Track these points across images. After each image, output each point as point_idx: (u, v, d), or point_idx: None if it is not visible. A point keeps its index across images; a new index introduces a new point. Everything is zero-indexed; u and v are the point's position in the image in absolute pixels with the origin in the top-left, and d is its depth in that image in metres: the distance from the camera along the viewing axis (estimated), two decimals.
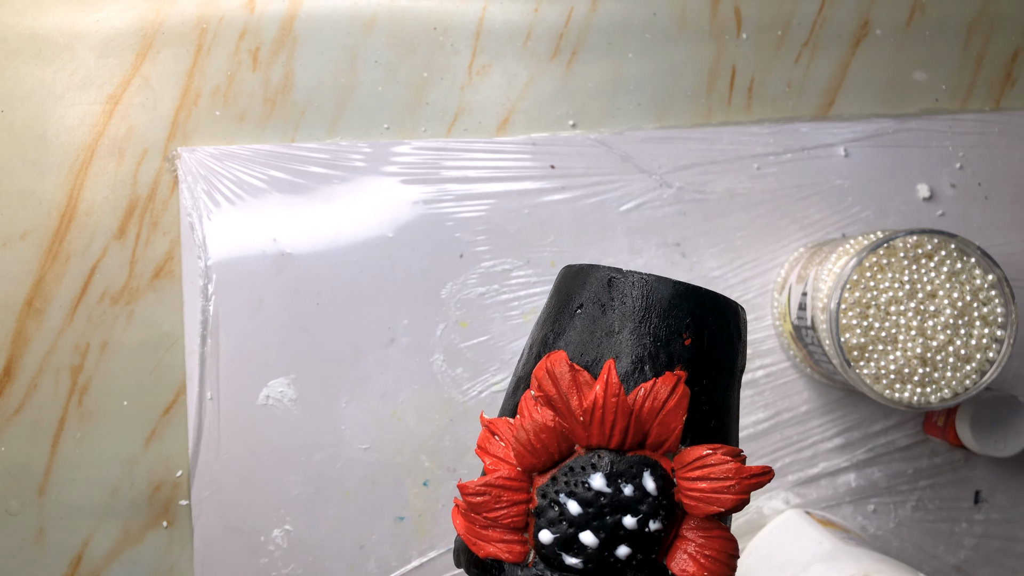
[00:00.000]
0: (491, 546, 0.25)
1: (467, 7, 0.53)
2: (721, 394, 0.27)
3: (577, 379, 0.25)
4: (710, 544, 0.25)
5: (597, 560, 0.24)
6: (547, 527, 0.25)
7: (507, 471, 0.25)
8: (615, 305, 0.26)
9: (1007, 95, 0.53)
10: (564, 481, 0.25)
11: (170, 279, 0.51)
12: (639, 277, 0.27)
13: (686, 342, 0.26)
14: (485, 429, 0.26)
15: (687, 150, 0.52)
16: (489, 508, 0.25)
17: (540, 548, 0.25)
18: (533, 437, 0.25)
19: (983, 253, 0.43)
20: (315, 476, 0.51)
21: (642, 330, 0.26)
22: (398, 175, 0.52)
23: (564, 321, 0.27)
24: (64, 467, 0.51)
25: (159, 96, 0.52)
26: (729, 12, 0.53)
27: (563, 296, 0.28)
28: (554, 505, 0.25)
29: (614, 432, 0.25)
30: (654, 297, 0.26)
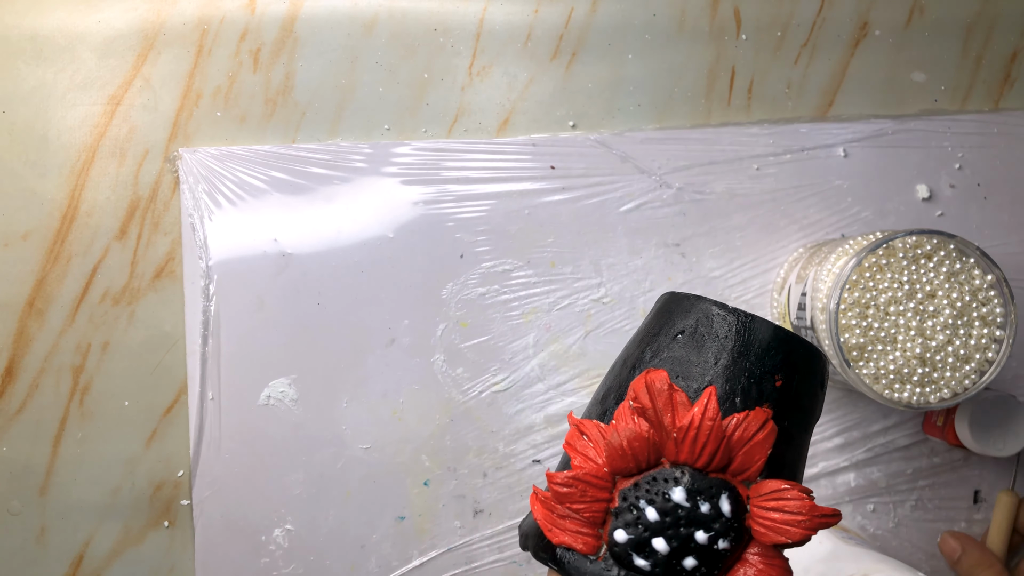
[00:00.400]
0: (566, 535, 0.27)
1: (467, 8, 0.53)
2: (798, 436, 0.28)
3: (674, 398, 0.27)
4: (769, 571, 0.26)
5: (664, 566, 0.26)
6: (623, 527, 0.26)
7: (595, 469, 0.27)
8: (716, 338, 0.28)
9: (1006, 96, 0.53)
10: (646, 489, 0.27)
11: (171, 279, 0.52)
12: (743, 315, 0.28)
13: (777, 383, 0.28)
14: (574, 428, 0.28)
15: (687, 151, 0.52)
16: (573, 500, 0.27)
17: (613, 545, 0.26)
18: (626, 443, 0.27)
19: (982, 253, 0.43)
20: (316, 476, 0.51)
21: (739, 365, 0.28)
22: (399, 176, 0.52)
23: (663, 343, 0.29)
24: (65, 467, 0.51)
25: (160, 97, 0.52)
26: (729, 13, 0.53)
27: (664, 320, 0.30)
28: (633, 509, 0.27)
29: (703, 452, 0.27)
30: (755, 337, 0.28)
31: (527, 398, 0.52)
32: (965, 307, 0.43)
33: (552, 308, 0.52)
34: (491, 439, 0.51)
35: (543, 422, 0.52)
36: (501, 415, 0.52)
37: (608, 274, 0.52)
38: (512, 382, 0.52)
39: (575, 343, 0.52)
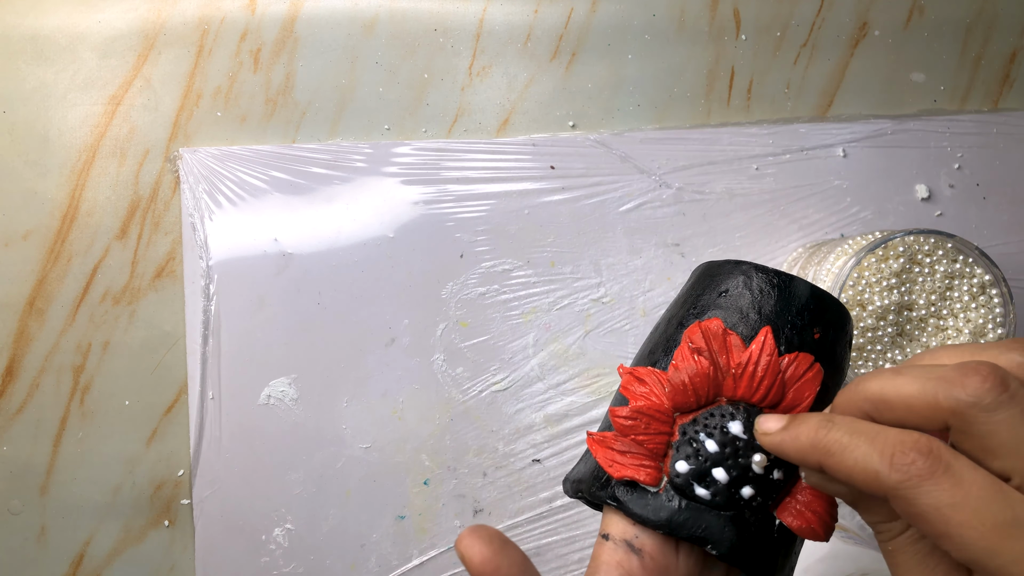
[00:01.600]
0: (628, 468, 0.28)
1: (467, 8, 0.53)
2: (832, 389, 0.30)
3: (728, 341, 0.29)
4: (817, 502, 0.28)
5: (724, 495, 0.27)
6: (684, 459, 0.28)
7: (658, 404, 0.29)
8: (760, 293, 0.30)
9: (1005, 96, 0.54)
10: (705, 423, 0.28)
11: (172, 279, 0.52)
12: (783, 274, 0.30)
13: (815, 335, 0.30)
14: (629, 375, 0.30)
15: (686, 151, 0.52)
16: (638, 432, 0.28)
17: (674, 476, 0.28)
18: (688, 380, 0.28)
19: (981, 253, 0.43)
20: (316, 475, 0.51)
21: (782, 318, 0.29)
22: (399, 175, 0.52)
23: (708, 301, 0.31)
24: (66, 466, 0.51)
25: (161, 97, 0.52)
26: (728, 13, 0.53)
27: (707, 283, 0.31)
28: (693, 442, 0.28)
29: (760, 387, 0.28)
30: (795, 293, 0.30)
31: (527, 397, 0.52)
32: (964, 307, 0.43)
33: (552, 308, 0.52)
34: (491, 439, 0.52)
35: (543, 421, 0.52)
36: (501, 415, 0.52)
37: (608, 274, 0.52)
38: (512, 382, 0.52)
39: (575, 343, 0.52)
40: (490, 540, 0.23)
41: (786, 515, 0.28)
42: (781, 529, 0.28)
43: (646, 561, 0.27)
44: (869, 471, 0.22)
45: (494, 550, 0.23)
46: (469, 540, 0.23)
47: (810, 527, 0.27)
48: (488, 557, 0.23)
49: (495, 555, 0.23)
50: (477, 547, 0.23)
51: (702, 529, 0.27)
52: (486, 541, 0.23)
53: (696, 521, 0.27)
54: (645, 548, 0.27)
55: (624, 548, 0.28)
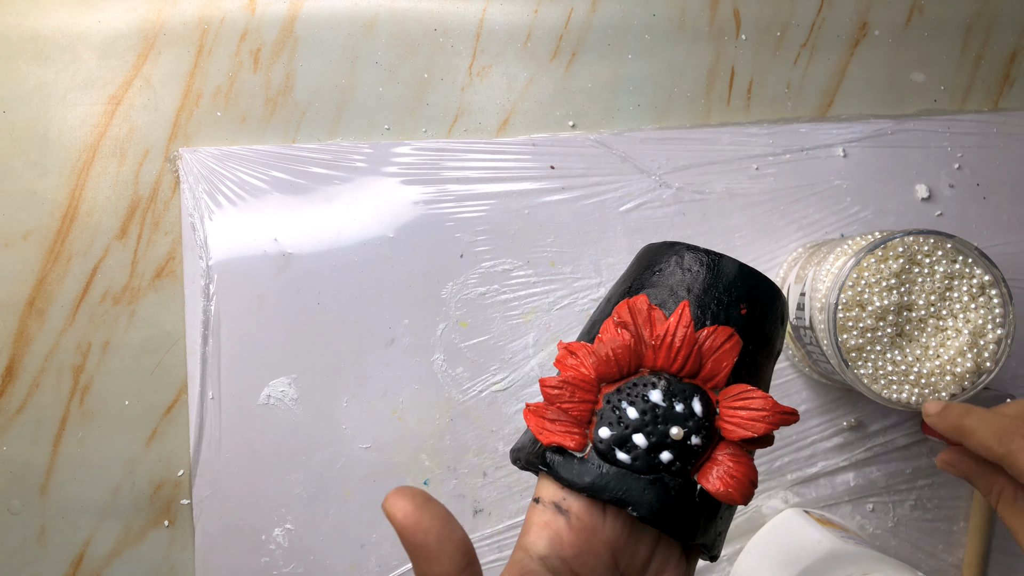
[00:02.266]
0: (555, 435, 0.29)
1: (467, 8, 0.53)
2: (760, 363, 0.32)
3: (652, 315, 0.31)
4: (737, 468, 0.29)
5: (644, 459, 0.29)
6: (607, 426, 0.29)
7: (583, 375, 0.30)
8: (689, 271, 0.32)
9: (1005, 96, 0.54)
10: (627, 392, 0.30)
11: (171, 279, 0.52)
12: (713, 253, 0.32)
13: (742, 311, 0.31)
14: (564, 350, 0.31)
15: (686, 151, 0.52)
16: (563, 400, 0.30)
17: (598, 442, 0.29)
18: (610, 351, 0.30)
19: (981, 253, 0.43)
20: (316, 475, 0.51)
21: (710, 293, 0.31)
22: (399, 175, 0.52)
23: (643, 279, 0.32)
24: (66, 466, 0.51)
25: (161, 97, 0.52)
26: (728, 13, 0.53)
27: (644, 264, 0.33)
28: (615, 410, 0.30)
29: (678, 357, 0.30)
30: (724, 269, 0.31)
31: (527, 397, 0.52)
32: (964, 307, 0.43)
33: (552, 308, 0.52)
34: (491, 439, 0.52)
35: None
36: (501, 415, 0.52)
37: (608, 274, 0.52)
38: (512, 381, 0.52)
39: None
40: (413, 497, 0.24)
41: (706, 480, 0.29)
42: (703, 494, 0.29)
43: (572, 521, 0.29)
44: (986, 447, 0.38)
45: (416, 505, 0.24)
46: (393, 498, 0.24)
47: (727, 491, 0.29)
48: (410, 512, 0.24)
49: (416, 510, 0.24)
50: (400, 503, 0.24)
51: (623, 492, 0.29)
52: (408, 498, 0.24)
53: (618, 485, 0.29)
54: (572, 509, 0.29)
55: (552, 509, 0.29)
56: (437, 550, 0.24)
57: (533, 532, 0.29)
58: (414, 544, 0.24)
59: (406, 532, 0.24)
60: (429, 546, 0.24)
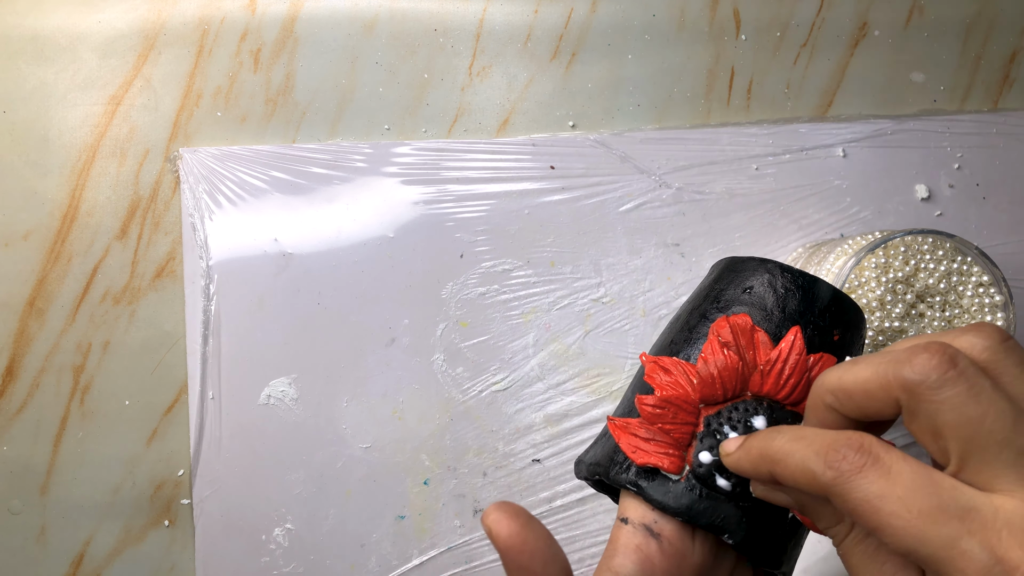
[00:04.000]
0: (652, 456, 0.28)
1: (467, 8, 0.53)
2: None
3: (756, 338, 0.29)
4: None
5: (743, 486, 0.28)
6: (707, 450, 0.28)
7: (685, 395, 0.29)
8: (785, 291, 0.30)
9: (1005, 96, 0.54)
10: (729, 416, 0.29)
11: (172, 279, 0.52)
12: (807, 275, 0.31)
13: (835, 337, 0.30)
14: (653, 364, 0.30)
15: (686, 151, 0.52)
16: (665, 421, 0.29)
17: (697, 466, 0.28)
18: (717, 373, 0.29)
19: (981, 253, 0.43)
20: (316, 475, 0.51)
21: (805, 318, 0.30)
22: (399, 176, 0.52)
23: (732, 296, 0.31)
24: (66, 466, 0.51)
25: (161, 97, 0.52)
26: (728, 13, 0.53)
27: (731, 278, 0.32)
28: (717, 434, 0.28)
29: (787, 384, 0.29)
30: (818, 294, 0.30)
31: (527, 397, 0.52)
32: (964, 307, 0.43)
33: (552, 308, 0.52)
34: (491, 438, 0.52)
35: (543, 421, 0.52)
36: (501, 415, 0.52)
37: (608, 274, 0.52)
38: (512, 382, 0.52)
39: (575, 343, 0.52)
40: (516, 515, 0.23)
41: None
42: (792, 521, 0.29)
43: (664, 545, 0.28)
44: (808, 472, 0.23)
45: (521, 524, 0.23)
46: (496, 515, 0.23)
47: None
48: (515, 531, 0.23)
49: (522, 529, 0.23)
50: (504, 522, 0.23)
51: (720, 519, 0.28)
52: (512, 516, 0.23)
53: (714, 511, 0.28)
54: (663, 533, 0.28)
55: (643, 532, 0.28)
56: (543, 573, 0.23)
57: (621, 554, 0.28)
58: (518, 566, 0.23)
59: (511, 553, 0.23)
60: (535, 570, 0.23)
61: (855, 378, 0.23)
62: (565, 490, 0.51)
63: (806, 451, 0.23)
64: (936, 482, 0.20)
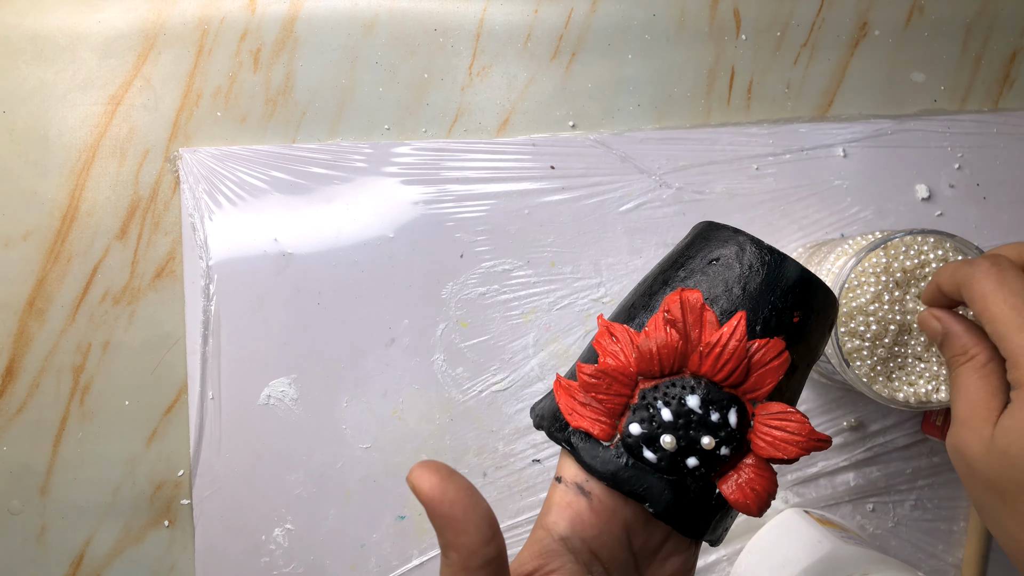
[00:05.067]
0: (585, 420, 0.30)
1: (467, 8, 0.53)
2: (802, 370, 0.31)
3: (704, 316, 0.30)
4: (759, 480, 0.29)
5: (669, 461, 0.29)
6: (638, 422, 0.29)
7: (622, 367, 0.30)
8: (749, 268, 0.31)
9: (1005, 96, 0.54)
10: (665, 392, 0.29)
11: (172, 279, 0.52)
12: (776, 253, 0.31)
13: (795, 319, 0.30)
14: (604, 328, 0.31)
15: (686, 151, 0.52)
16: (599, 391, 0.30)
17: (626, 436, 0.29)
18: (656, 349, 0.29)
19: (981, 253, 0.43)
20: (316, 475, 0.51)
21: (764, 297, 0.30)
22: (399, 175, 0.52)
23: (697, 266, 0.31)
24: (66, 466, 0.51)
25: (161, 97, 0.52)
26: (728, 13, 0.53)
27: (701, 245, 0.32)
28: (650, 408, 0.29)
29: (724, 368, 0.29)
30: (783, 274, 0.30)
31: (527, 398, 0.52)
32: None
33: (552, 308, 0.52)
34: (491, 439, 0.52)
35: None
36: (501, 415, 0.52)
37: (608, 274, 0.52)
38: (512, 382, 0.52)
39: (575, 343, 0.52)
40: (437, 470, 0.25)
41: (726, 487, 0.29)
42: (719, 497, 0.29)
43: (594, 503, 0.29)
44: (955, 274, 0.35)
45: (441, 477, 0.24)
46: (418, 471, 0.25)
47: (746, 502, 0.29)
48: (435, 483, 0.24)
49: (442, 481, 0.24)
50: (425, 476, 0.24)
51: (643, 488, 0.29)
52: (433, 471, 0.25)
53: (639, 480, 0.29)
54: (594, 492, 0.30)
55: (575, 490, 0.30)
56: (464, 521, 0.24)
57: (554, 512, 0.30)
58: (440, 515, 0.24)
59: (432, 504, 0.24)
60: (455, 517, 0.24)
61: (942, 278, 0.36)
62: None
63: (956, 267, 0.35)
64: None
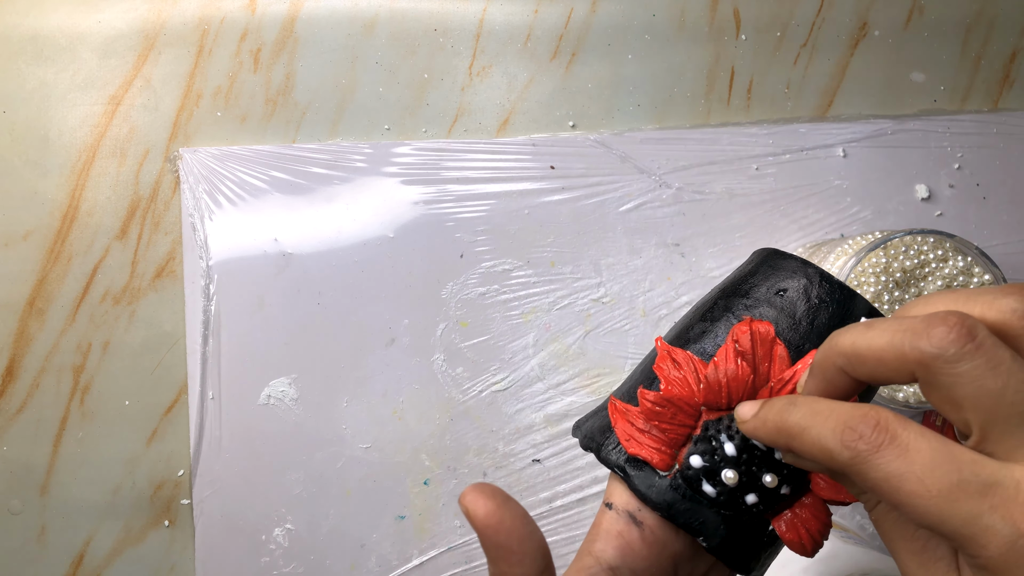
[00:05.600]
0: (644, 449, 0.28)
1: (467, 8, 0.53)
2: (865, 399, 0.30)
3: (775, 351, 0.28)
4: (814, 521, 0.28)
5: (728, 496, 0.28)
6: (700, 455, 0.28)
7: (688, 396, 0.28)
8: (819, 302, 0.29)
9: (1005, 96, 0.54)
10: (729, 424, 0.28)
11: (172, 279, 0.52)
12: (846, 289, 0.30)
13: None
14: (664, 353, 0.29)
15: (686, 151, 0.52)
16: (663, 420, 0.28)
17: (686, 468, 0.28)
18: (726, 381, 0.28)
19: (981, 253, 0.43)
20: (316, 475, 0.51)
21: None
22: (399, 176, 0.52)
23: (763, 296, 0.30)
24: (66, 466, 0.51)
25: (161, 97, 0.52)
26: (728, 13, 0.53)
27: (768, 274, 0.31)
28: (713, 440, 0.28)
29: None
30: (853, 310, 0.29)
31: (527, 398, 0.52)
32: None
33: (552, 308, 0.52)
34: (491, 438, 0.52)
35: (543, 421, 0.52)
36: (501, 415, 0.52)
37: (608, 274, 0.52)
38: (512, 382, 0.52)
39: (575, 343, 0.52)
40: (493, 495, 0.24)
41: (781, 525, 0.28)
42: (772, 534, 0.29)
43: (646, 534, 0.28)
44: (824, 450, 0.22)
45: (497, 504, 0.23)
46: (473, 495, 0.24)
47: (800, 542, 0.28)
48: (492, 510, 0.23)
49: (498, 508, 0.23)
50: (481, 501, 0.23)
51: (699, 522, 0.28)
52: (489, 496, 0.24)
53: (694, 513, 0.28)
54: (646, 522, 0.28)
55: (626, 519, 0.28)
56: (520, 551, 0.23)
57: (603, 539, 0.28)
58: (496, 545, 0.23)
59: (487, 532, 0.23)
60: (511, 548, 0.23)
61: (869, 345, 0.22)
62: (565, 490, 0.51)
63: (821, 428, 0.22)
64: (956, 457, 0.20)
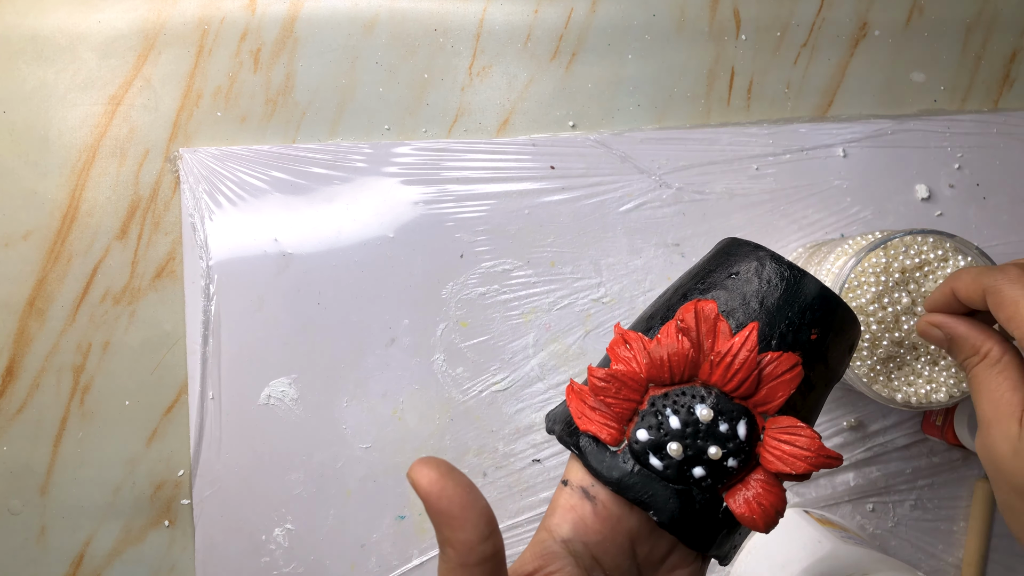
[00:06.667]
0: (593, 424, 0.29)
1: (467, 8, 0.53)
2: (818, 389, 0.31)
3: (718, 327, 0.30)
4: (766, 496, 0.29)
5: (676, 470, 0.29)
6: (646, 429, 0.29)
7: (633, 373, 0.30)
8: (767, 283, 0.31)
9: (1005, 96, 0.54)
10: (674, 399, 0.29)
11: (172, 279, 0.52)
12: (796, 269, 0.31)
13: (812, 336, 0.30)
14: (619, 336, 0.31)
15: (686, 151, 0.52)
16: (608, 395, 0.29)
17: (633, 442, 0.29)
18: (667, 356, 0.29)
19: (981, 253, 0.43)
20: (316, 475, 0.51)
21: (781, 312, 0.30)
22: (399, 176, 0.52)
23: (716, 279, 0.31)
24: (66, 466, 0.51)
25: (161, 97, 0.52)
26: (728, 13, 0.53)
27: (722, 260, 0.32)
28: (658, 415, 0.29)
29: (734, 378, 0.29)
30: (802, 291, 0.30)
31: (527, 398, 0.52)
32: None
33: (552, 308, 0.52)
34: (491, 439, 0.52)
35: (543, 421, 0.52)
36: (501, 415, 0.52)
37: (608, 274, 0.52)
38: (512, 382, 0.52)
39: (575, 343, 0.52)
40: (436, 466, 0.25)
41: (733, 501, 0.29)
42: (726, 511, 0.29)
43: (599, 509, 0.29)
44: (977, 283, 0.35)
45: (440, 473, 0.25)
46: (418, 467, 0.25)
47: (752, 517, 0.29)
48: (434, 479, 0.25)
49: (441, 478, 0.25)
50: (424, 471, 0.25)
51: (648, 495, 0.29)
52: (433, 467, 0.25)
53: (644, 487, 0.29)
54: (599, 497, 0.30)
55: (580, 494, 0.30)
56: (461, 517, 0.24)
57: (558, 514, 0.30)
58: (438, 511, 0.25)
59: (431, 499, 0.24)
60: (453, 513, 0.24)
61: (960, 283, 0.36)
62: None
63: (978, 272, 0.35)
64: None
